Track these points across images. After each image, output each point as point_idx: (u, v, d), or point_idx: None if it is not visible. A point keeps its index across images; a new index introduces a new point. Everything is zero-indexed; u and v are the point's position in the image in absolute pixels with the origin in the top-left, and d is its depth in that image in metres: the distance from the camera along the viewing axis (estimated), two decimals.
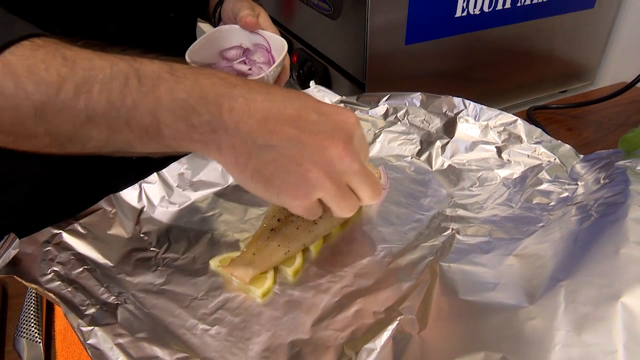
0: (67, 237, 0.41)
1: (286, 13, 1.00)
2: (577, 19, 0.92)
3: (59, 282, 0.36)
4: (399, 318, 0.33)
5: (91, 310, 0.34)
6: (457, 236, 0.41)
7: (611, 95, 0.78)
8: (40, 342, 0.47)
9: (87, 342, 0.31)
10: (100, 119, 0.30)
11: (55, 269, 0.37)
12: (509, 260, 0.35)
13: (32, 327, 0.48)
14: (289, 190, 0.32)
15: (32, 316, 0.49)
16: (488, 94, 0.93)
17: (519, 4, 0.83)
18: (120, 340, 0.31)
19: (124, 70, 0.30)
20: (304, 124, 0.32)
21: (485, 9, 0.80)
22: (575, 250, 0.32)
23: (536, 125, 0.56)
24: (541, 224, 0.40)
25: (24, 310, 0.50)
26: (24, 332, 0.48)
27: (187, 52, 0.52)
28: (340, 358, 0.32)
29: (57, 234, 0.41)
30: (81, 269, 0.38)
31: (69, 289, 0.35)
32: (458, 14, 0.78)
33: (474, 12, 0.79)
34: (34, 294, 0.50)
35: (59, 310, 0.47)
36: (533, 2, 0.85)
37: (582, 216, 0.37)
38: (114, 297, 0.36)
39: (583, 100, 0.83)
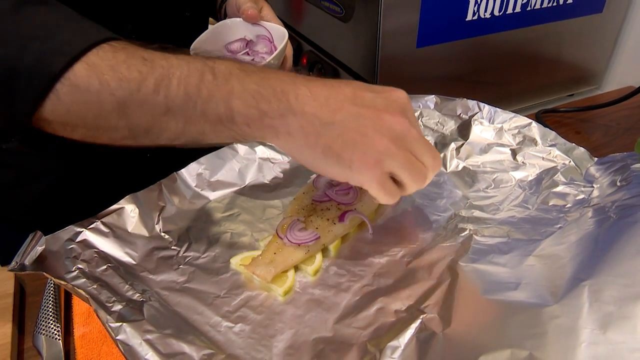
0: (90, 236, 0.41)
1: (295, 15, 1.01)
2: (586, 23, 0.93)
3: (84, 280, 0.37)
4: (421, 316, 0.33)
5: (117, 307, 0.34)
6: (475, 237, 0.41)
7: (620, 99, 0.78)
8: (59, 339, 0.47)
9: (117, 337, 0.31)
10: (178, 110, 0.33)
11: (80, 266, 0.38)
12: (529, 261, 0.36)
13: (51, 324, 0.49)
14: (360, 160, 0.34)
15: (50, 314, 0.50)
16: (497, 97, 0.93)
17: (528, 8, 0.84)
18: (149, 336, 0.32)
19: (199, 67, 0.33)
20: (361, 101, 0.35)
21: (496, 13, 0.81)
22: (596, 251, 0.33)
23: (545, 126, 0.57)
24: (558, 226, 0.40)
25: (42, 307, 0.50)
26: (43, 330, 0.48)
27: (191, 46, 0.54)
28: (364, 356, 0.33)
29: (80, 232, 0.41)
30: (105, 267, 0.39)
31: (95, 286, 0.36)
32: (469, 17, 0.79)
33: (484, 15, 0.80)
34: (52, 292, 0.51)
35: (77, 309, 0.47)
36: (543, 6, 0.85)
37: (600, 218, 0.37)
38: (138, 295, 0.36)
39: (591, 104, 0.84)
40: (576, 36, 0.94)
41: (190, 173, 0.49)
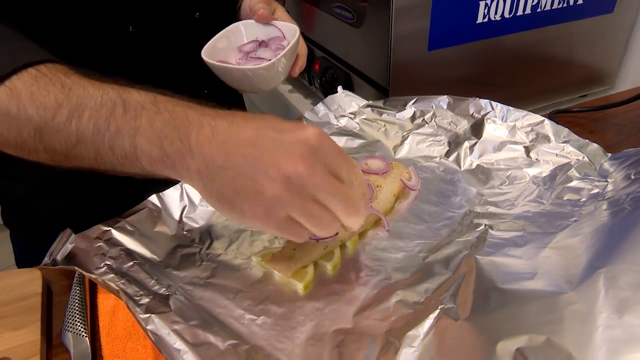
0: (117, 234, 0.43)
1: (307, 22, 1.02)
2: (597, 23, 0.93)
3: (112, 275, 0.38)
4: (440, 307, 0.34)
5: (145, 300, 0.35)
6: (491, 231, 0.42)
7: (633, 98, 0.79)
8: (86, 336, 0.48)
9: (147, 327, 0.32)
10: (88, 142, 0.34)
11: (107, 262, 0.39)
12: (544, 253, 0.36)
13: (77, 322, 0.50)
14: (250, 209, 0.32)
15: (77, 312, 0.51)
16: (509, 98, 0.93)
17: (539, 10, 0.85)
18: (176, 327, 0.33)
19: (112, 98, 0.34)
20: (261, 143, 0.32)
21: (506, 15, 0.82)
22: (610, 240, 0.34)
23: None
24: (574, 219, 0.41)
25: (69, 306, 0.52)
26: (70, 327, 0.50)
27: (203, 49, 0.54)
28: (384, 345, 0.33)
29: (107, 230, 0.43)
30: (131, 263, 0.40)
31: (122, 281, 0.37)
32: (479, 20, 0.80)
33: (495, 18, 0.81)
34: (78, 291, 0.52)
35: (102, 307, 0.49)
36: (553, 8, 0.86)
37: (614, 210, 0.38)
38: (164, 289, 0.38)
39: (604, 104, 0.84)
40: (587, 37, 0.94)
41: None
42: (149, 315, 0.33)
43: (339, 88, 0.65)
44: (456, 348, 0.30)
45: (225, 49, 0.57)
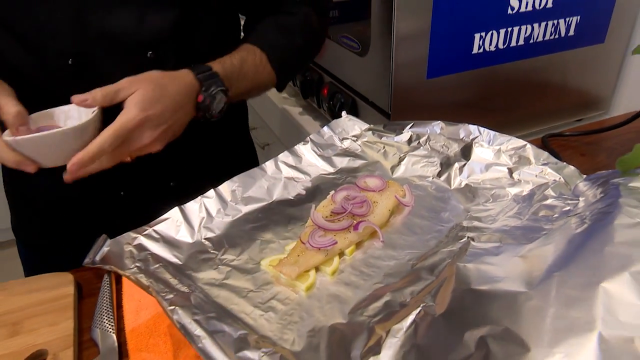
0: (144, 240, 0.49)
1: None
2: (589, 53, 0.99)
3: (142, 275, 0.44)
4: (421, 305, 0.40)
5: (170, 296, 0.41)
6: (472, 242, 0.48)
7: (622, 123, 0.83)
8: (113, 333, 0.55)
9: (173, 317, 0.38)
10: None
11: (137, 264, 0.46)
12: (515, 260, 0.42)
13: (105, 320, 0.57)
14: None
15: (105, 311, 0.58)
16: (506, 122, 1.00)
17: (531, 41, 0.91)
18: (196, 317, 0.39)
19: None
20: None
21: (500, 46, 0.88)
22: (569, 250, 0.39)
23: (550, 151, 0.62)
24: (544, 232, 0.46)
25: (98, 306, 0.58)
26: (99, 324, 0.56)
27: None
28: (372, 336, 0.39)
29: (136, 237, 0.49)
30: (157, 265, 0.46)
31: (150, 280, 0.43)
32: (475, 50, 0.86)
33: (489, 49, 0.87)
34: (106, 293, 0.59)
35: (127, 307, 0.55)
36: (545, 39, 0.92)
37: (578, 223, 0.43)
38: (186, 288, 0.44)
39: (596, 128, 0.89)
40: (580, 65, 1.00)
41: (225, 190, 0.57)
42: (173, 307, 0.39)
43: (343, 113, 0.71)
44: (432, 337, 0.36)
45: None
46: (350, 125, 0.70)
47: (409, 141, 0.66)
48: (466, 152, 0.61)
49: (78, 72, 0.60)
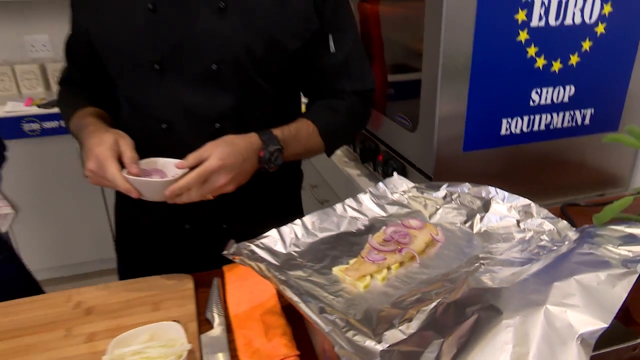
0: (255, 248, 0.73)
1: (376, 124, 1.35)
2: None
3: (257, 270, 0.67)
4: (441, 298, 0.60)
5: (275, 280, 0.64)
6: (482, 266, 0.68)
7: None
8: (222, 316, 0.77)
9: (281, 288, 0.61)
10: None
11: (251, 263, 0.69)
12: (507, 278, 0.62)
13: (214, 307, 0.80)
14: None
15: (214, 301, 0.81)
16: (530, 192, 1.17)
17: (551, 127, 1.12)
18: (293, 292, 0.61)
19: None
20: None
21: (524, 130, 1.10)
22: (542, 266, 0.59)
23: (567, 218, 0.81)
24: (532, 262, 0.66)
25: (210, 298, 0.82)
26: (211, 309, 0.79)
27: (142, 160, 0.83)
28: (406, 314, 0.59)
29: (249, 245, 0.73)
30: (264, 264, 0.69)
31: (262, 274, 0.66)
32: (503, 132, 1.08)
33: (515, 131, 1.09)
34: (216, 287, 0.82)
35: (229, 300, 0.79)
36: (563, 126, 1.13)
37: (554, 257, 0.63)
38: (284, 278, 0.66)
39: (609, 200, 1.06)
40: (597, 148, 1.19)
41: (307, 220, 0.80)
42: (283, 286, 0.61)
43: (395, 173, 0.94)
44: (445, 314, 0.56)
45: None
46: (399, 183, 0.92)
47: (444, 197, 0.88)
48: (486, 206, 0.82)
49: (168, 134, 0.91)
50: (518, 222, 0.78)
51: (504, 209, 0.81)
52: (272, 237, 0.76)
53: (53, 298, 0.82)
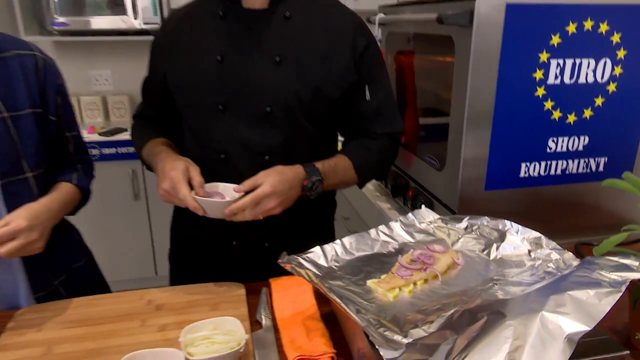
0: (302, 260, 0.87)
1: (407, 164, 1.49)
2: None
3: (306, 277, 0.81)
4: (456, 308, 0.72)
5: (320, 285, 0.78)
6: (494, 286, 0.80)
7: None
8: (270, 318, 0.91)
9: (327, 292, 0.74)
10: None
11: (301, 272, 0.83)
12: (515, 292, 0.74)
13: (263, 310, 0.94)
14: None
15: (263, 305, 0.95)
16: (547, 230, 1.28)
17: (567, 172, 1.24)
18: (335, 295, 0.74)
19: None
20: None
21: (542, 174, 1.22)
22: (544, 285, 0.71)
23: (580, 255, 0.92)
24: (537, 283, 0.77)
25: (260, 303, 0.95)
26: (260, 312, 0.93)
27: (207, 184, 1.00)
28: (428, 318, 0.71)
29: (297, 258, 0.87)
30: (312, 274, 0.83)
31: (310, 280, 0.80)
32: (521, 174, 1.21)
33: (533, 174, 1.21)
34: (264, 294, 0.96)
35: (276, 306, 0.93)
36: (579, 172, 1.25)
37: (555, 279, 0.75)
38: (327, 286, 0.80)
39: (622, 242, 1.16)
40: (611, 193, 1.29)
41: (346, 241, 0.94)
42: (327, 289, 0.75)
43: (423, 206, 1.07)
44: (460, 319, 0.68)
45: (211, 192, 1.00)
46: (427, 214, 1.06)
47: (465, 228, 1.01)
48: (502, 237, 0.94)
49: (225, 163, 1.08)
50: (529, 251, 0.90)
51: (518, 240, 0.93)
52: (316, 253, 0.90)
53: (128, 296, 0.98)
